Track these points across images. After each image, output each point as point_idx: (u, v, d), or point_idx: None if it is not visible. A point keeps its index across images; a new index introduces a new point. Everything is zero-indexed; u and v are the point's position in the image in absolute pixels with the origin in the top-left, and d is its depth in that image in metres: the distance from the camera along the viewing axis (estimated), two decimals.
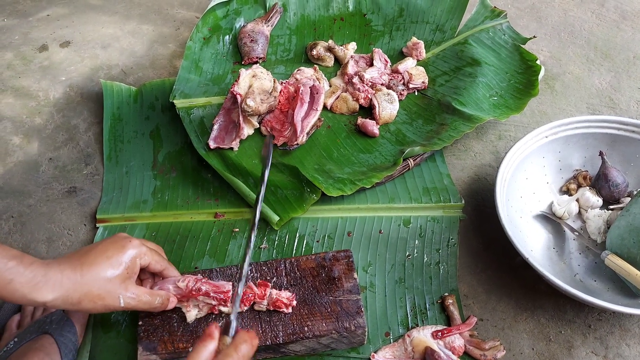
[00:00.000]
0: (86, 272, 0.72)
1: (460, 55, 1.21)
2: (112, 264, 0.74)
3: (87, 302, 0.72)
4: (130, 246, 0.77)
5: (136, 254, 0.77)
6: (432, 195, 1.04)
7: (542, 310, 0.92)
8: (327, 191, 0.99)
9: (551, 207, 1.02)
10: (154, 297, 0.79)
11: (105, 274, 0.73)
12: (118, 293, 0.74)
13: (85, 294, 0.71)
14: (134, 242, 0.78)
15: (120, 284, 0.74)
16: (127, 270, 0.76)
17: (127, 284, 0.76)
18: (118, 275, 0.74)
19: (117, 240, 0.78)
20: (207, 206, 1.04)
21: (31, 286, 0.67)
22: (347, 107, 1.16)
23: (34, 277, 0.67)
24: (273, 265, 0.90)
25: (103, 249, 0.75)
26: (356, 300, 0.85)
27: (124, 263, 0.75)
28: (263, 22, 1.30)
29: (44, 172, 1.13)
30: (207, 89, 1.19)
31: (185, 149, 1.14)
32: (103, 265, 0.73)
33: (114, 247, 0.76)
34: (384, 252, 0.98)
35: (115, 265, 0.74)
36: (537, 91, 1.12)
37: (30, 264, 0.68)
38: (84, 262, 0.73)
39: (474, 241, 1.00)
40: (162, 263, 0.82)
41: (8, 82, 1.29)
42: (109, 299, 0.73)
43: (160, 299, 0.79)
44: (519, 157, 0.99)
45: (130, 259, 0.76)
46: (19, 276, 0.66)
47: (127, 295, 0.75)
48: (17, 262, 0.67)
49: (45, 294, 0.68)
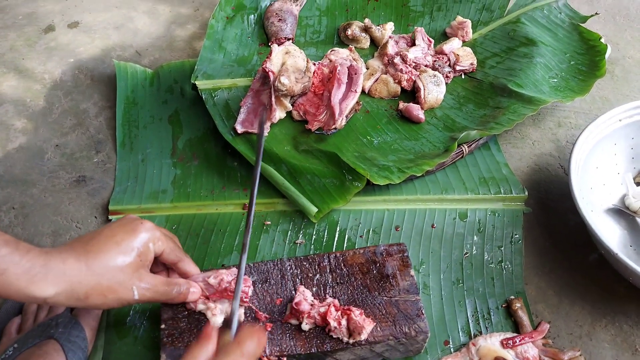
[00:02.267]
0: (93, 260, 0.60)
1: (513, 35, 1.10)
2: (122, 250, 0.62)
3: (96, 296, 0.60)
4: (142, 229, 0.65)
5: (149, 238, 0.65)
6: (491, 185, 0.92)
7: (624, 316, 0.80)
8: (373, 179, 0.87)
9: (624, 200, 0.91)
10: (172, 286, 0.67)
11: (116, 262, 0.61)
12: (131, 284, 0.62)
13: (93, 286, 0.59)
14: (146, 225, 0.66)
15: (133, 273, 0.62)
16: (140, 256, 0.64)
17: (141, 272, 0.64)
18: (130, 263, 0.62)
19: (126, 223, 0.65)
20: (235, 196, 0.93)
21: (28, 278, 0.55)
22: (388, 90, 1.05)
23: (32, 268, 0.55)
24: (315, 260, 0.77)
25: (111, 233, 0.63)
26: (415, 301, 0.73)
27: (136, 249, 0.63)
28: (291, 1, 1.19)
29: (50, 160, 1.01)
30: (232, 70, 1.08)
31: (208, 134, 1.02)
32: (112, 251, 0.61)
33: (124, 230, 0.64)
34: (438, 249, 0.86)
35: (127, 252, 0.62)
36: (603, 72, 1.01)
37: (27, 251, 0.56)
38: (89, 250, 0.60)
39: (540, 238, 0.88)
40: (178, 253, 0.70)
41: (11, 63, 1.17)
42: (121, 291, 0.61)
43: (179, 288, 0.67)
44: (590, 143, 0.88)
45: (143, 244, 0.64)
46: (13, 266, 0.54)
47: (141, 286, 0.63)
48: (12, 249, 0.55)
49: (45, 288, 0.56)
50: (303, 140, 0.97)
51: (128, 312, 0.79)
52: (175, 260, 0.69)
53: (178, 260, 0.70)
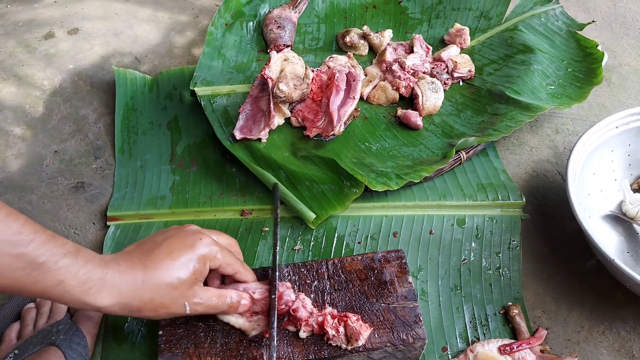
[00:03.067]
0: (149, 277, 0.61)
1: (510, 43, 1.10)
2: (178, 268, 0.63)
3: (148, 310, 0.61)
4: (200, 245, 0.65)
5: (206, 255, 0.65)
6: (489, 192, 0.92)
7: (622, 322, 0.80)
8: (371, 185, 0.87)
9: (621, 207, 0.91)
10: (224, 298, 0.67)
11: (171, 280, 0.62)
12: (184, 300, 0.63)
13: (147, 302, 0.61)
14: (204, 241, 0.66)
15: (187, 290, 0.63)
16: (195, 274, 0.64)
17: (194, 289, 0.64)
18: (185, 281, 0.63)
19: (184, 237, 0.66)
20: (233, 203, 0.93)
21: (84, 290, 0.57)
22: (386, 97, 1.05)
23: (88, 280, 0.57)
24: (313, 267, 0.77)
25: (169, 248, 0.64)
26: (413, 308, 0.73)
27: (192, 267, 0.64)
28: (290, 8, 1.20)
29: (48, 166, 1.01)
30: (230, 76, 1.08)
31: (207, 140, 1.02)
32: (168, 269, 0.62)
33: (182, 246, 0.64)
34: (436, 255, 0.86)
35: (182, 270, 0.63)
36: (600, 79, 1.01)
37: (86, 262, 0.57)
38: (147, 265, 0.61)
39: (537, 244, 0.88)
40: (235, 266, 0.69)
41: (10, 70, 1.17)
42: (174, 307, 0.63)
43: (230, 300, 0.68)
44: (587, 150, 0.88)
45: (199, 262, 0.64)
46: (70, 278, 0.56)
47: (193, 301, 0.64)
48: (71, 260, 0.56)
49: (101, 299, 0.58)
50: (301, 146, 0.97)
51: (126, 318, 0.79)
52: (231, 273, 0.69)
53: (234, 273, 0.70)
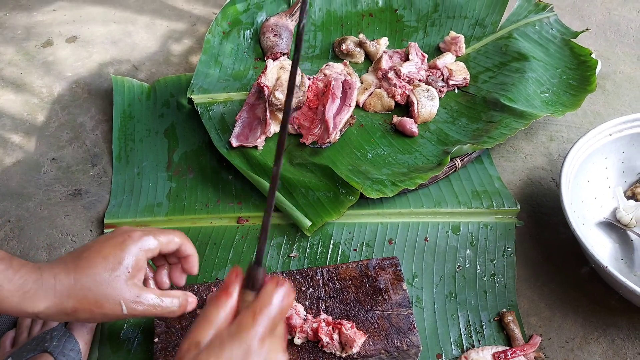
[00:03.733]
0: (80, 275, 0.59)
1: (505, 51, 1.11)
2: (109, 264, 0.61)
3: (83, 311, 0.60)
4: (130, 241, 0.63)
5: (139, 248, 0.63)
6: (483, 199, 0.93)
7: (616, 329, 0.80)
8: (366, 193, 0.88)
9: (615, 214, 0.91)
10: (167, 298, 0.64)
11: (102, 277, 0.60)
12: (118, 298, 0.61)
13: (80, 301, 0.59)
14: (134, 235, 0.63)
15: (121, 287, 0.61)
16: (129, 269, 0.62)
17: (130, 286, 0.62)
18: (116, 277, 0.61)
19: (115, 236, 0.64)
20: (229, 210, 0.93)
21: (21, 294, 0.56)
22: (382, 104, 1.06)
23: (24, 284, 0.56)
24: (308, 274, 0.78)
25: (99, 247, 0.62)
26: (407, 315, 0.73)
27: (124, 262, 0.61)
28: (287, 17, 1.21)
29: (46, 173, 1.01)
30: (227, 84, 1.09)
31: (204, 148, 1.03)
32: (99, 266, 0.60)
33: (111, 243, 0.62)
34: (431, 262, 0.86)
35: (113, 266, 0.61)
36: (594, 87, 1.02)
37: (20, 267, 0.57)
38: (78, 265, 0.60)
39: (532, 251, 0.89)
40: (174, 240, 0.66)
41: (9, 78, 1.18)
42: (108, 306, 0.60)
43: (176, 301, 0.65)
44: (581, 157, 0.89)
45: (131, 256, 0.62)
46: (7, 282, 0.55)
47: (130, 300, 0.61)
48: (5, 265, 0.56)
49: (36, 303, 0.57)
50: (298, 153, 0.98)
51: (122, 325, 0.79)
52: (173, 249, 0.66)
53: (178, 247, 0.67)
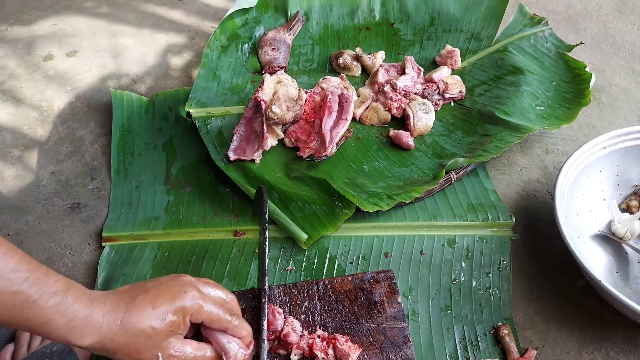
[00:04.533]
0: (127, 321, 0.61)
1: (500, 64, 1.12)
2: (156, 317, 0.62)
3: (122, 354, 0.61)
4: (183, 298, 0.64)
5: (187, 309, 0.63)
6: (479, 212, 0.93)
7: (611, 342, 0.80)
8: (362, 206, 0.88)
9: (610, 227, 0.92)
10: (202, 351, 0.65)
11: (146, 327, 0.61)
12: (157, 350, 0.62)
13: (122, 346, 0.61)
14: (189, 294, 0.64)
15: (162, 341, 0.62)
16: (172, 326, 0.63)
17: (170, 341, 0.63)
18: (160, 332, 0.62)
19: (173, 287, 0.65)
20: (226, 223, 0.94)
21: (69, 329, 0.58)
22: (378, 117, 1.07)
23: (74, 319, 0.58)
24: (304, 287, 0.79)
25: (154, 295, 0.63)
26: (402, 329, 0.74)
27: (170, 318, 0.62)
28: (285, 31, 1.22)
29: (45, 187, 1.02)
30: (225, 98, 1.10)
31: (202, 161, 1.04)
32: (146, 316, 0.62)
33: (166, 295, 0.63)
34: (427, 275, 0.87)
35: (160, 319, 0.62)
36: (588, 100, 1.03)
37: (74, 301, 0.58)
38: (129, 309, 0.62)
39: (527, 264, 0.89)
40: (222, 323, 0.66)
41: (10, 92, 1.19)
42: (146, 355, 0.62)
43: (209, 352, 0.66)
44: (576, 171, 0.89)
45: (178, 314, 0.63)
46: (58, 317, 0.57)
47: (168, 353, 0.63)
48: (61, 298, 0.57)
49: (81, 339, 0.59)
50: (294, 167, 0.99)
51: None
52: (217, 329, 0.67)
53: (224, 329, 0.67)
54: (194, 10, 1.40)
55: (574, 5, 1.37)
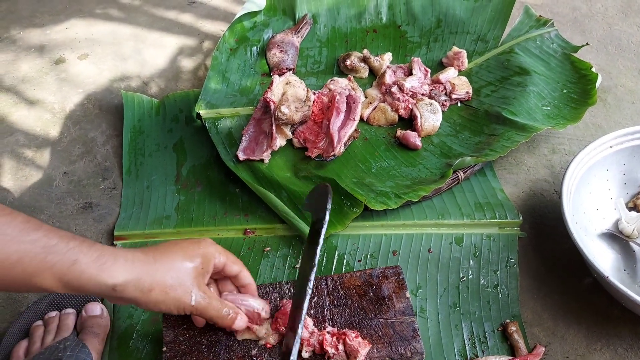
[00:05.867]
0: (160, 258, 0.63)
1: (507, 65, 1.13)
2: (187, 255, 0.65)
3: (159, 291, 0.62)
4: (204, 243, 0.69)
5: (212, 250, 0.68)
6: (486, 210, 0.94)
7: (619, 339, 0.81)
8: (370, 204, 0.89)
9: (617, 225, 0.92)
10: (223, 306, 0.69)
11: (181, 263, 0.64)
12: (191, 287, 0.64)
13: (158, 281, 0.61)
14: (208, 240, 0.70)
15: (194, 278, 0.65)
16: (202, 264, 0.67)
17: (200, 280, 0.66)
18: (194, 267, 0.65)
19: (190, 239, 0.70)
20: (236, 222, 0.95)
21: (98, 266, 0.57)
22: (386, 118, 1.08)
23: (101, 256, 0.57)
24: (313, 283, 0.79)
25: (176, 242, 0.67)
26: (411, 323, 0.74)
27: (200, 256, 0.67)
28: (293, 33, 1.23)
29: (58, 187, 1.04)
30: (234, 99, 1.11)
31: (211, 162, 1.05)
32: (178, 255, 0.65)
33: (188, 242, 0.68)
34: (435, 273, 0.88)
35: (191, 257, 0.66)
36: (594, 100, 1.04)
37: (93, 244, 0.58)
38: (157, 250, 0.64)
39: (535, 262, 0.90)
40: (239, 264, 0.72)
41: (23, 94, 1.21)
42: (181, 291, 0.63)
43: (229, 311, 0.69)
44: (582, 169, 0.90)
45: (206, 254, 0.67)
46: (83, 256, 0.56)
47: (199, 294, 0.65)
48: (79, 242, 0.57)
49: (115, 274, 0.58)
50: (303, 166, 1.00)
51: (131, 334, 0.81)
52: (237, 271, 0.72)
53: (239, 272, 0.72)
54: (204, 14, 1.42)
55: (579, 7, 1.38)
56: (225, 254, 0.70)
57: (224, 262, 0.70)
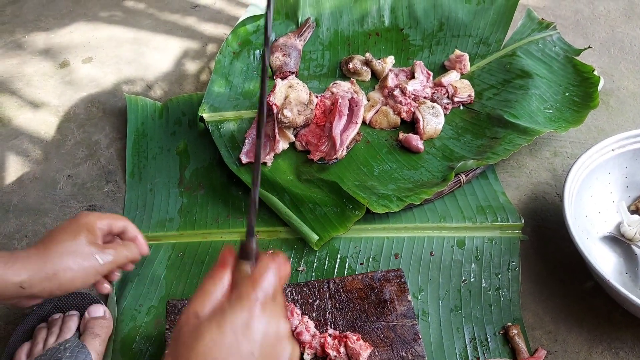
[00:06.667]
0: (49, 244, 0.66)
1: (509, 68, 1.13)
2: (71, 232, 0.68)
3: (63, 270, 0.65)
4: (80, 215, 0.71)
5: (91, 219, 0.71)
6: (488, 214, 0.94)
7: (620, 342, 0.81)
8: (372, 207, 0.90)
9: (619, 228, 0.92)
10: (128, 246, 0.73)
11: (71, 240, 0.67)
12: (91, 253, 0.68)
13: (58, 263, 0.65)
14: (82, 213, 0.73)
15: (89, 245, 0.68)
16: (88, 234, 0.69)
17: (96, 245, 0.69)
18: (83, 238, 0.68)
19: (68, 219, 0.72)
20: (239, 225, 0.95)
21: (3, 271, 0.62)
22: (388, 121, 1.08)
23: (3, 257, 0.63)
24: (315, 286, 0.80)
25: (55, 228, 0.70)
26: (412, 326, 0.75)
27: (82, 228, 0.69)
28: (295, 37, 1.24)
29: (62, 190, 1.05)
30: (237, 102, 1.12)
31: (214, 165, 1.05)
32: (64, 235, 0.68)
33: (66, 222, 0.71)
34: (437, 276, 0.88)
35: (75, 232, 0.68)
36: (596, 103, 1.04)
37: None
38: (43, 240, 0.68)
39: (536, 265, 0.90)
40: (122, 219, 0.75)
41: (27, 97, 1.22)
42: (85, 260, 0.67)
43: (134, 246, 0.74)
44: (584, 172, 0.90)
45: (87, 223, 0.70)
46: None
47: (101, 253, 0.69)
48: None
49: (18, 272, 0.63)
50: (305, 169, 1.00)
51: (134, 337, 0.81)
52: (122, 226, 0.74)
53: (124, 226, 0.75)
54: (207, 17, 1.43)
55: (582, 10, 1.38)
56: (105, 217, 0.72)
57: (108, 223, 0.72)
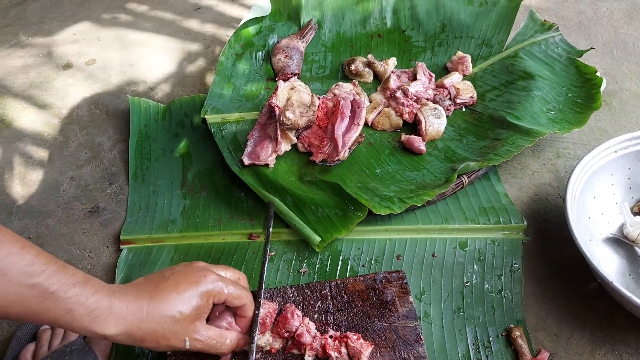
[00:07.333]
0: (153, 308, 0.63)
1: (511, 69, 1.13)
2: (182, 302, 0.64)
3: (150, 341, 0.63)
4: (204, 282, 0.67)
5: (210, 292, 0.67)
6: (490, 215, 0.94)
7: (624, 344, 0.81)
8: (374, 209, 0.90)
9: (622, 230, 0.92)
10: (223, 339, 0.69)
11: (174, 313, 0.64)
12: (185, 335, 0.65)
13: (150, 333, 0.63)
14: (209, 277, 0.68)
15: (189, 325, 0.65)
16: (198, 310, 0.66)
17: (196, 325, 0.66)
18: (187, 316, 0.65)
19: (191, 274, 0.68)
20: (241, 226, 0.96)
21: (92, 318, 0.59)
22: (390, 123, 1.08)
23: (96, 309, 0.59)
24: (317, 287, 0.80)
25: (175, 282, 0.66)
26: (414, 327, 0.75)
27: (195, 302, 0.65)
28: (298, 38, 1.24)
29: (65, 191, 1.05)
30: (240, 104, 1.12)
31: (217, 166, 1.06)
32: (173, 302, 0.64)
33: (187, 281, 0.66)
34: (439, 278, 0.88)
35: (186, 304, 0.65)
36: (599, 104, 1.04)
37: (94, 292, 0.60)
38: (152, 296, 0.64)
39: (539, 266, 0.90)
40: (242, 299, 0.70)
41: (31, 99, 1.23)
42: (174, 340, 0.64)
43: (230, 341, 0.69)
44: (587, 174, 0.90)
45: (203, 297, 0.66)
46: (79, 307, 0.58)
47: (193, 337, 0.66)
48: (80, 289, 0.59)
49: (107, 328, 0.60)
50: (307, 171, 1.00)
51: None
52: (238, 305, 0.71)
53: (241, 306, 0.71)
54: (209, 19, 1.43)
55: (584, 12, 1.38)
56: (227, 292, 0.68)
57: (224, 299, 0.68)
